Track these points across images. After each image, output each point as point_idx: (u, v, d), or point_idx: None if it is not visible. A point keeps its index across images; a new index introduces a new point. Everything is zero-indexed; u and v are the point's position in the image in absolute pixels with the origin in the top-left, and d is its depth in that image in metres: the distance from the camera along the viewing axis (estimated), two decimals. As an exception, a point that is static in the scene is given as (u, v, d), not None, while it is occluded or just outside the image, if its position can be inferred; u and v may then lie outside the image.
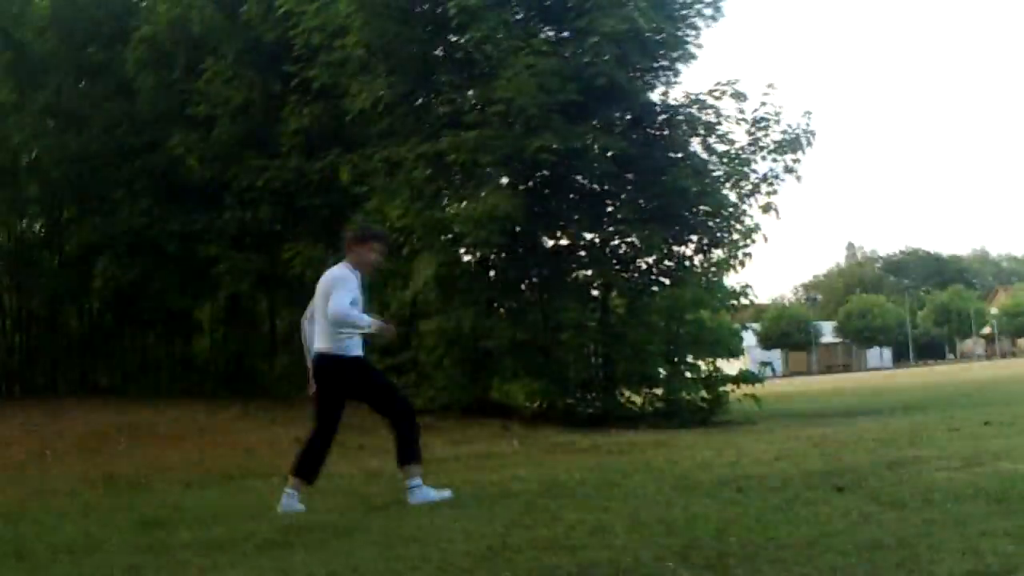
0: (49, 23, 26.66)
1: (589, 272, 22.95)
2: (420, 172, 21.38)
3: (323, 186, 23.42)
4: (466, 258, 22.50)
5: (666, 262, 22.97)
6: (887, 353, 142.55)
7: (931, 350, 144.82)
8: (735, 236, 22.87)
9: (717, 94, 22.41)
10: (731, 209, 22.67)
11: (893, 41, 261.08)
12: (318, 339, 10.08)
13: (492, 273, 23.09)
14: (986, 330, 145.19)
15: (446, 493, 9.68)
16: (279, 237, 24.81)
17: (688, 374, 22.64)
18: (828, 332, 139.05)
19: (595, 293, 23.19)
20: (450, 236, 21.31)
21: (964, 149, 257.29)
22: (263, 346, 27.51)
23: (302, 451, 10.06)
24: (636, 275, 22.87)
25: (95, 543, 8.18)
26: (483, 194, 20.67)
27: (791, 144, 22.80)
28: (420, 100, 22.77)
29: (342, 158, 22.52)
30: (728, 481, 9.44)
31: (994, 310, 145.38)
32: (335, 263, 10.28)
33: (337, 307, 9.68)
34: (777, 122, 22.88)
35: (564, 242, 23.01)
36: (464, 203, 21.02)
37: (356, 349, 10.01)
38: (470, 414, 20.97)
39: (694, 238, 22.94)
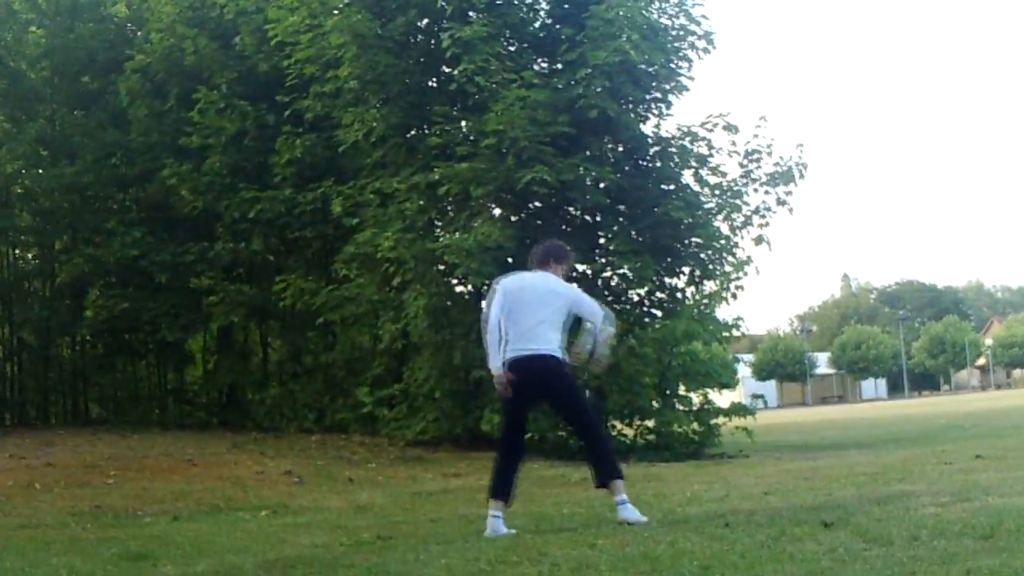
0: (44, 52, 26.78)
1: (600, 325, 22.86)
2: (412, 203, 21.36)
3: (315, 217, 23.46)
4: (458, 289, 22.47)
5: (658, 294, 22.92)
6: (882, 384, 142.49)
7: (926, 381, 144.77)
8: (727, 268, 22.84)
9: (709, 126, 22.37)
10: (723, 241, 22.62)
11: (887, 74, 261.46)
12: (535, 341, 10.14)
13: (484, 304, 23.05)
14: (981, 361, 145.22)
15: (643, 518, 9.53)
16: (271, 268, 24.82)
17: (680, 406, 22.58)
18: (823, 363, 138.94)
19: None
20: (442, 267, 21.29)
21: (960, 181, 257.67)
22: (255, 377, 27.43)
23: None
24: (628, 306, 22.78)
25: (79, 577, 8.15)
26: (475, 225, 20.66)
27: (783, 176, 22.77)
28: (412, 132, 22.77)
29: (334, 189, 22.54)
30: (716, 516, 9.42)
31: (989, 341, 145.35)
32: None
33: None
34: (769, 154, 22.84)
35: (556, 273, 22.93)
36: (456, 234, 20.97)
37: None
38: (461, 446, 20.95)
39: (686, 270, 22.89)
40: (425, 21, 22.51)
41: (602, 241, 22.64)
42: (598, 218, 22.38)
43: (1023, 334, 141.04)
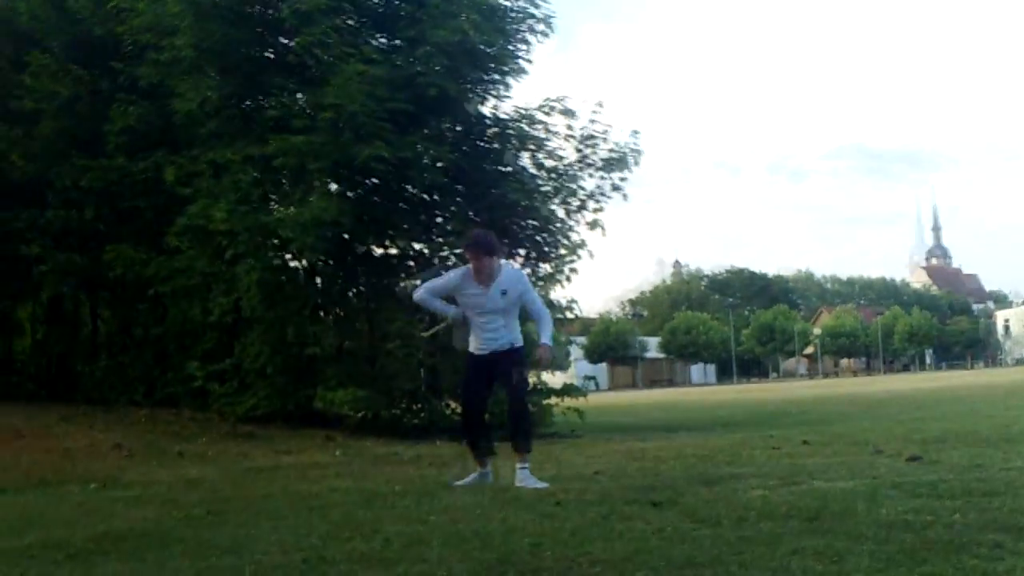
0: None
1: (417, 281, 22.86)
2: (247, 175, 21.11)
3: (148, 187, 23.00)
4: (292, 264, 22.30)
5: (493, 274, 22.95)
6: (711, 369, 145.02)
7: (754, 368, 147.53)
8: (562, 251, 22.99)
9: (546, 110, 22.49)
10: (558, 224, 22.78)
11: (717, 63, 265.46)
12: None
13: (319, 280, 22.92)
14: (809, 349, 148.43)
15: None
16: (103, 237, 24.33)
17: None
18: (653, 347, 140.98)
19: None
20: (276, 241, 21.10)
21: (789, 171, 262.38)
22: (85, 348, 26.92)
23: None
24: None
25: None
26: (311, 199, 20.50)
27: (618, 162, 22.98)
28: (249, 103, 22.52)
29: (167, 159, 22.18)
30: (547, 494, 9.49)
31: (817, 330, 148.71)
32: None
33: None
34: (605, 140, 23.05)
35: (393, 251, 22.90)
36: (291, 208, 20.81)
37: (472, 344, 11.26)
38: (293, 423, 20.79)
39: (522, 252, 22.94)
40: (265, -8, 22.28)
41: (439, 220, 22.68)
42: (435, 197, 22.37)
43: (850, 324, 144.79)
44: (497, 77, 22.81)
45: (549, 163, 23.01)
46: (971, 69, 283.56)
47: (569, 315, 24.06)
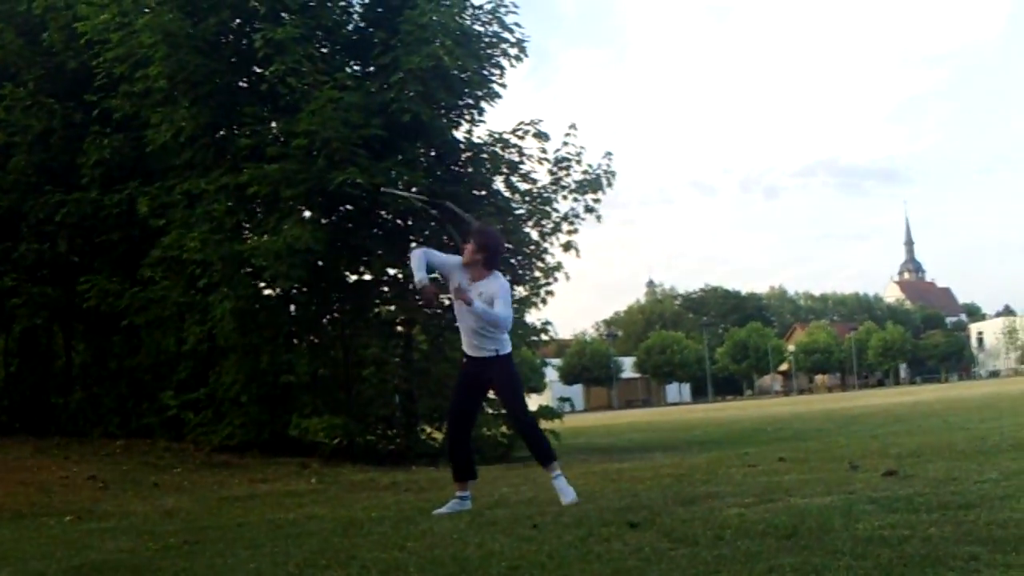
0: None
1: (392, 307, 22.90)
2: (220, 204, 21.10)
3: (121, 219, 22.96)
4: (266, 292, 22.27)
5: (469, 298, 22.96)
6: (686, 388, 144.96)
7: (729, 385, 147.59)
8: (537, 274, 23.05)
9: (520, 133, 22.61)
10: (533, 247, 22.83)
11: (689, 84, 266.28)
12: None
13: (293, 307, 22.90)
14: (783, 366, 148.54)
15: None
16: (76, 270, 24.27)
17: (489, 410, 22.69)
18: (628, 367, 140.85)
19: (398, 328, 23.16)
20: (250, 270, 21.08)
21: (763, 187, 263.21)
22: (59, 380, 26.80)
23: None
24: (439, 310, 22.85)
25: None
26: (285, 227, 20.48)
27: (592, 184, 23.08)
28: (222, 132, 22.50)
29: (141, 191, 22.14)
30: (524, 518, 9.47)
31: (791, 347, 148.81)
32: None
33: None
34: (578, 162, 23.17)
35: (367, 277, 22.89)
36: (265, 236, 20.78)
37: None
38: (268, 451, 20.75)
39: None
40: (237, 21, 22.26)
41: (413, 246, 22.65)
42: (410, 222, 22.39)
43: (824, 340, 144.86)
44: (471, 102, 22.92)
45: (523, 186, 23.10)
46: (942, 83, 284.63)
47: (544, 337, 24.10)
